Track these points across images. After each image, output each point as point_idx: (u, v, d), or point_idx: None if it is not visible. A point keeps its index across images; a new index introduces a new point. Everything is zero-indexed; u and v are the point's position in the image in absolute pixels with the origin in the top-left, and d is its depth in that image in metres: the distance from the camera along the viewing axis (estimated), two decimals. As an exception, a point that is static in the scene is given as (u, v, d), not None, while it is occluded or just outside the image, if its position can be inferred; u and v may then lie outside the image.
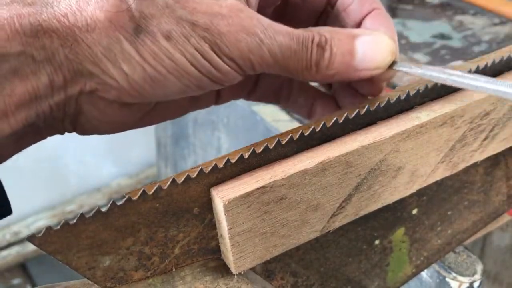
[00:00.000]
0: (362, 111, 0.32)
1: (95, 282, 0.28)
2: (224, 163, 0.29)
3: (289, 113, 0.73)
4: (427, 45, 0.85)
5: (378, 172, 0.33)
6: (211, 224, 0.30)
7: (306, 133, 0.31)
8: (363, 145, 0.31)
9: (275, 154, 0.31)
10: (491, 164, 0.41)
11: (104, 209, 0.27)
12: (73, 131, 0.33)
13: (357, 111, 0.32)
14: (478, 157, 0.37)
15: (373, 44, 0.32)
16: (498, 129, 0.37)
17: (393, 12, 0.97)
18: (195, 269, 0.31)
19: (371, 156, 0.32)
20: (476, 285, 0.53)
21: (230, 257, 0.30)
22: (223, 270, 0.31)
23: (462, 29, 0.90)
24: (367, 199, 0.33)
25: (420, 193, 0.37)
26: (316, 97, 0.38)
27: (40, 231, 0.26)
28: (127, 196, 0.27)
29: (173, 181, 0.28)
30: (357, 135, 0.32)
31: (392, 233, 0.38)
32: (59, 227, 0.26)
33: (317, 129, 0.31)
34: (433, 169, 0.35)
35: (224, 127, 0.83)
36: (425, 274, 0.54)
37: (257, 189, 0.29)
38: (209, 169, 0.29)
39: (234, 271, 0.30)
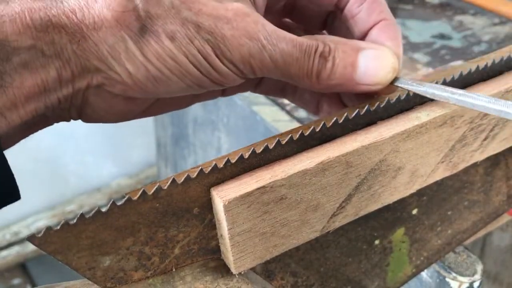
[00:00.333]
0: (362, 111, 0.32)
1: (95, 282, 0.28)
2: (224, 163, 0.29)
3: (289, 113, 0.73)
4: (427, 45, 0.85)
5: (378, 172, 0.33)
6: (211, 224, 0.30)
7: (306, 133, 0.31)
8: (363, 145, 0.31)
9: (275, 154, 0.31)
10: (491, 164, 0.41)
11: (104, 209, 0.27)
12: (79, 119, 0.34)
13: (357, 111, 0.32)
14: (478, 157, 0.37)
15: (376, 59, 0.32)
16: (498, 129, 0.37)
17: (393, 12, 0.97)
18: (195, 269, 0.31)
19: (371, 156, 0.32)
20: (476, 285, 0.53)
21: (230, 257, 0.30)
22: (223, 270, 0.31)
23: (462, 29, 0.90)
24: (367, 199, 0.33)
25: (420, 193, 0.37)
26: (322, 94, 0.38)
27: (40, 231, 0.26)
28: (127, 196, 0.27)
29: (173, 181, 0.28)
30: (357, 135, 0.32)
31: (392, 233, 0.38)
32: (59, 227, 0.26)
33: (317, 129, 0.31)
34: (433, 169, 0.35)
35: (224, 127, 0.83)
36: (425, 274, 0.54)
37: (257, 189, 0.29)
38: (209, 169, 0.29)
39: (234, 271, 0.30)
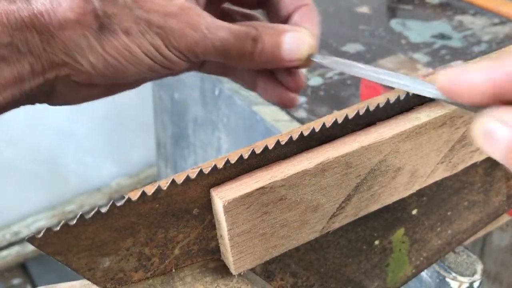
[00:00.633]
0: (361, 112, 0.32)
1: (95, 283, 0.28)
2: (223, 163, 0.29)
3: (289, 113, 0.73)
4: (427, 45, 0.85)
5: (377, 172, 0.33)
6: (211, 224, 0.30)
7: (305, 133, 0.31)
8: (362, 145, 0.31)
9: (275, 154, 0.31)
10: (490, 164, 0.41)
11: (104, 210, 0.27)
12: (46, 103, 0.39)
13: (357, 111, 0.32)
14: (477, 158, 0.37)
15: (296, 39, 0.38)
16: (497, 130, 0.37)
17: (393, 12, 0.97)
18: (195, 269, 0.31)
19: (371, 156, 0.32)
20: (476, 285, 0.53)
21: (230, 258, 0.30)
22: (223, 270, 0.31)
23: (462, 29, 0.90)
24: (366, 199, 0.33)
25: (420, 193, 0.37)
26: (257, 72, 0.44)
27: (40, 232, 0.26)
28: (126, 196, 0.27)
29: (173, 181, 0.28)
30: (356, 135, 0.32)
31: (392, 234, 0.38)
32: (59, 228, 0.26)
33: (317, 130, 0.31)
34: (432, 169, 0.35)
35: (224, 127, 0.83)
36: (425, 274, 0.54)
37: (257, 189, 0.29)
38: (209, 169, 0.29)
39: (234, 271, 0.30)
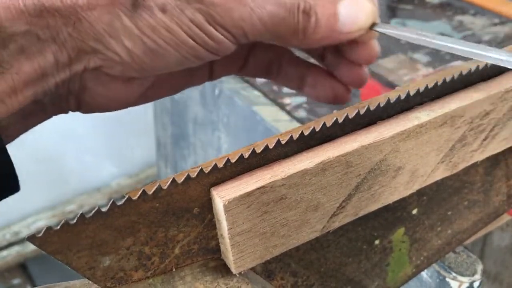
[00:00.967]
0: (362, 111, 0.33)
1: (95, 282, 0.28)
2: (224, 163, 0.29)
3: (289, 113, 0.73)
4: (427, 45, 0.85)
5: (378, 172, 0.33)
6: (211, 224, 0.30)
7: (306, 133, 0.31)
8: (363, 145, 0.31)
9: (275, 154, 0.31)
10: (491, 164, 0.41)
11: (104, 209, 0.27)
12: (78, 110, 0.34)
13: (357, 111, 0.32)
14: (478, 157, 0.37)
15: (354, 7, 0.33)
16: (498, 129, 0.37)
17: (393, 12, 0.97)
18: (195, 269, 0.31)
19: (371, 156, 0.32)
20: (476, 285, 0.53)
21: (230, 257, 0.30)
22: (223, 270, 0.31)
23: (462, 29, 0.90)
24: (367, 199, 0.33)
25: (420, 193, 0.37)
26: (306, 68, 0.40)
27: (40, 231, 0.26)
28: (127, 196, 0.27)
29: (173, 181, 0.28)
30: (357, 135, 0.32)
31: (392, 233, 0.38)
32: (59, 227, 0.26)
33: (317, 129, 0.31)
34: (433, 169, 0.35)
35: (224, 127, 0.83)
36: (425, 274, 0.54)
37: (257, 189, 0.29)
38: (209, 169, 0.29)
39: (234, 271, 0.30)
